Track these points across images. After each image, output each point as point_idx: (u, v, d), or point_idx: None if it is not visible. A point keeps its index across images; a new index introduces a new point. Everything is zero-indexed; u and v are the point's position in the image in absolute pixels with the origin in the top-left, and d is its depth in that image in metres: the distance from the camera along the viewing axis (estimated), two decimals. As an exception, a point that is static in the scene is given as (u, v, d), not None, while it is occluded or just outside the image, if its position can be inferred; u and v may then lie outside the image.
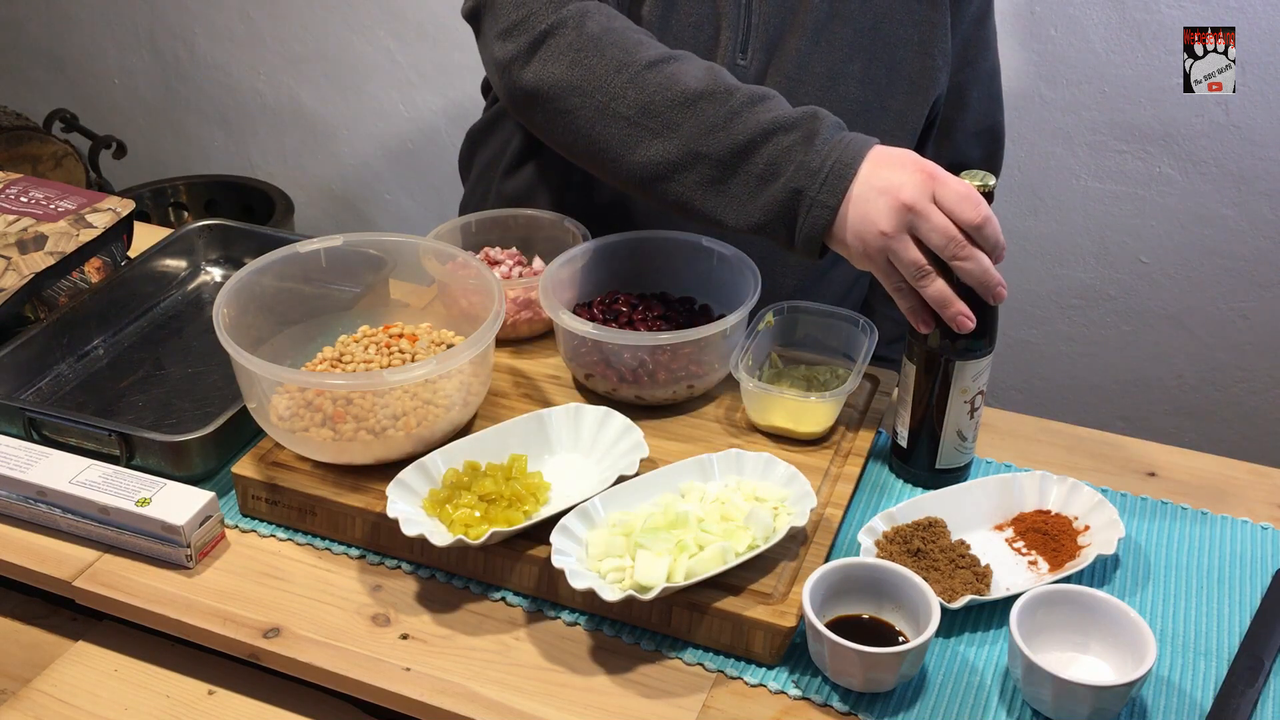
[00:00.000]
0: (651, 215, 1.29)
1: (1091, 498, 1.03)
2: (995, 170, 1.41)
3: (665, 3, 1.22)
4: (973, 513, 1.03)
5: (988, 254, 0.98)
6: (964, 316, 0.98)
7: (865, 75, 1.26)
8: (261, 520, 1.06)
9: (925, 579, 0.92)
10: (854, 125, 1.25)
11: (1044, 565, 0.99)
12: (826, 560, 0.96)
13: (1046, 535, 1.01)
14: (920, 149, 1.37)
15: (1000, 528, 1.03)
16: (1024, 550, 1.01)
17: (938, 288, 0.98)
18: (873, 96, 1.26)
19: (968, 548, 0.98)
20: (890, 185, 0.98)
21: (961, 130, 1.37)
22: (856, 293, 1.46)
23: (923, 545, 0.97)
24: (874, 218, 0.98)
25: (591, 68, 1.09)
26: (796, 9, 1.24)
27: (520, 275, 1.26)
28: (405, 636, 0.94)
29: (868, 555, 0.96)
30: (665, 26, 1.23)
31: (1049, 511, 1.04)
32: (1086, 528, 1.01)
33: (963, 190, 0.97)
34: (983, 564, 0.97)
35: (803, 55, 1.24)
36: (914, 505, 1.02)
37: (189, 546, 0.99)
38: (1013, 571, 0.99)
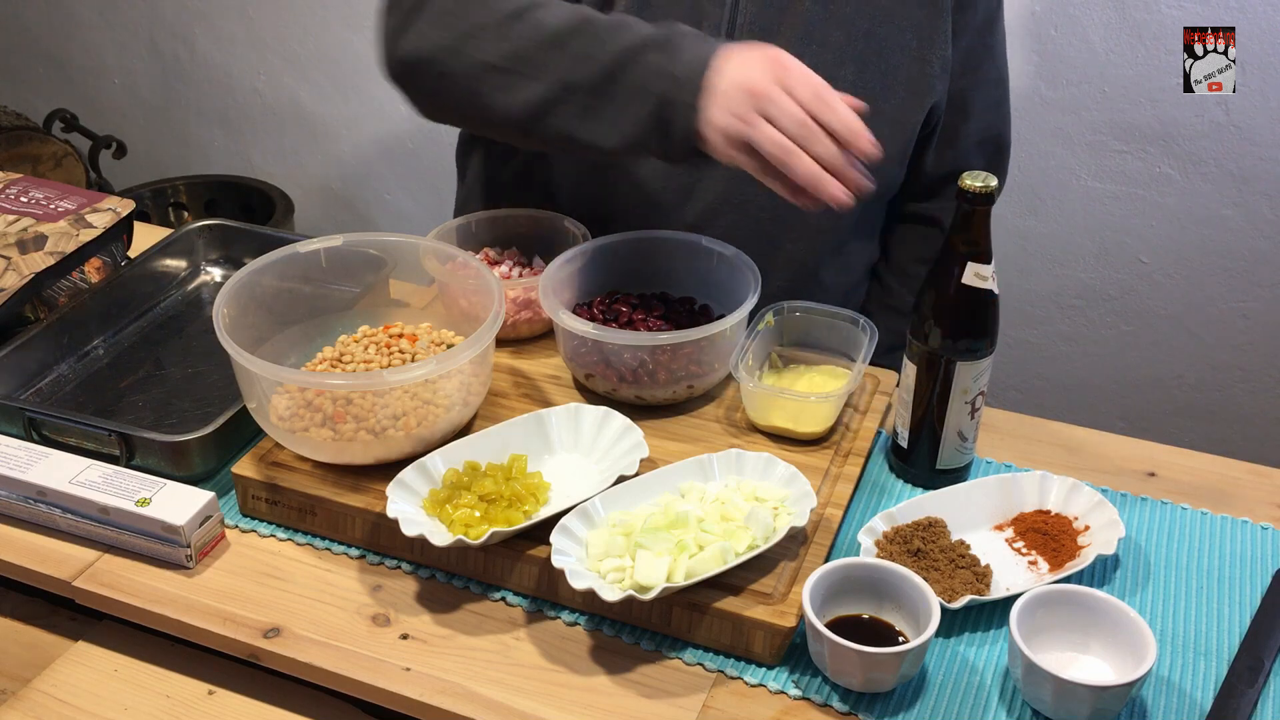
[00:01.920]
0: (648, 216, 1.29)
1: (1091, 498, 1.03)
2: (999, 179, 1.41)
3: (639, 1, 1.22)
4: (973, 513, 1.03)
5: (847, 143, 1.00)
6: (838, 191, 1.00)
7: (858, 79, 1.25)
8: (261, 520, 1.06)
9: (925, 579, 0.92)
10: None
11: (1044, 565, 0.99)
12: (826, 560, 0.96)
13: (1046, 535, 1.01)
14: (921, 155, 1.36)
15: (1000, 528, 1.03)
16: (1024, 550, 1.01)
17: (805, 166, 1.00)
18: (866, 100, 1.26)
19: (968, 548, 0.98)
20: (741, 76, 1.01)
21: (964, 138, 1.36)
22: (854, 301, 1.45)
23: (923, 545, 0.97)
24: (731, 108, 1.01)
25: (459, 29, 1.12)
26: (786, 9, 1.23)
27: (520, 275, 1.26)
28: (405, 636, 0.94)
29: (868, 555, 0.96)
30: None
31: (1049, 511, 1.04)
32: (1086, 528, 1.01)
33: (807, 77, 1.00)
34: (983, 564, 0.97)
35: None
36: (914, 505, 1.02)
37: (189, 546, 0.99)
38: (1013, 571, 0.99)
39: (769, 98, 1.00)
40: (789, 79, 1.00)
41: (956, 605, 0.93)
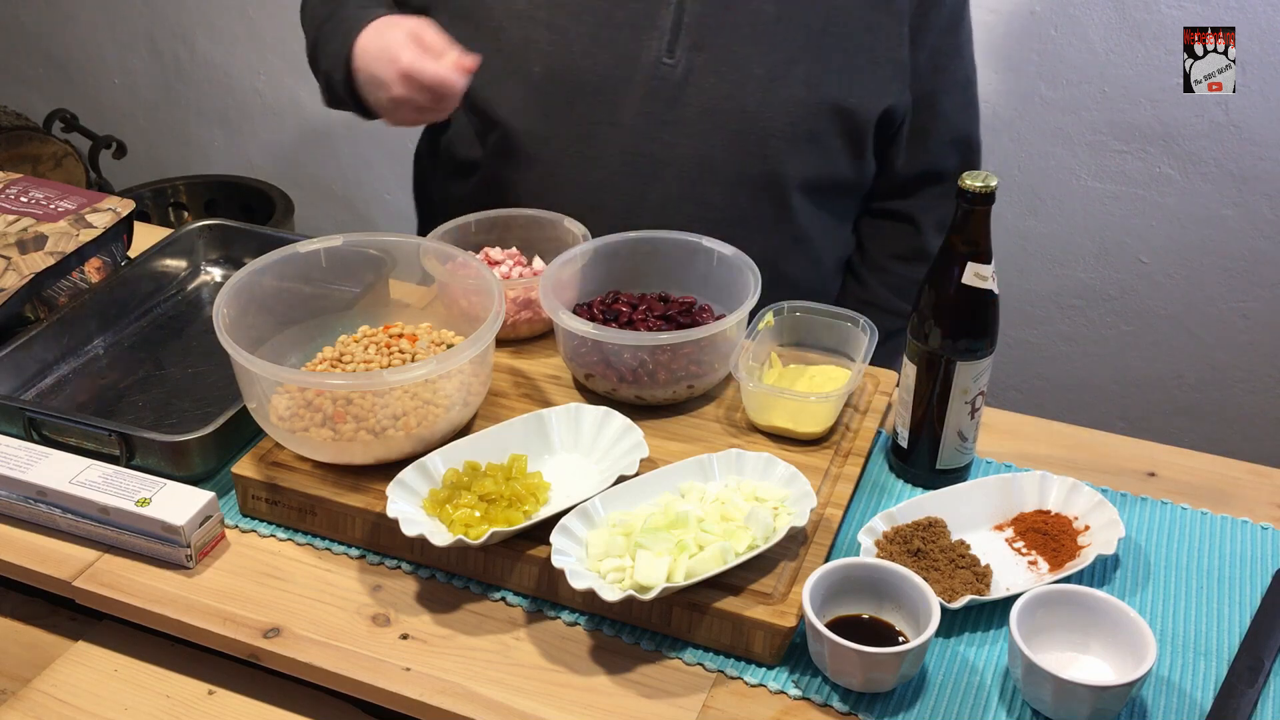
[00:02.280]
0: (600, 223, 1.28)
1: (1091, 498, 1.03)
2: None
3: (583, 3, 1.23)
4: (973, 513, 1.03)
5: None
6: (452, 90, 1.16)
7: (809, 78, 1.25)
8: (261, 520, 1.06)
9: (925, 579, 0.92)
10: (798, 126, 1.27)
11: (1044, 565, 0.99)
12: (826, 560, 0.96)
13: (1046, 535, 1.01)
14: (891, 157, 1.36)
15: (1000, 528, 1.03)
16: (1024, 550, 1.01)
17: (449, 108, 1.19)
18: (818, 100, 1.26)
19: (968, 548, 0.98)
20: (370, 74, 1.20)
21: (935, 139, 1.36)
22: (826, 295, 1.44)
23: (923, 545, 0.97)
24: (383, 106, 1.21)
25: (305, 27, 1.39)
26: (734, 8, 1.23)
27: (520, 275, 1.26)
28: (405, 636, 0.94)
29: (868, 555, 0.96)
30: None
31: (1049, 511, 1.04)
32: (1086, 528, 1.01)
33: (437, 41, 1.16)
34: (983, 564, 0.97)
35: (740, 57, 1.24)
36: (914, 505, 1.02)
37: (189, 546, 0.99)
38: (1013, 571, 0.99)
39: (417, 72, 1.14)
40: (404, 67, 1.15)
41: (956, 605, 0.93)
